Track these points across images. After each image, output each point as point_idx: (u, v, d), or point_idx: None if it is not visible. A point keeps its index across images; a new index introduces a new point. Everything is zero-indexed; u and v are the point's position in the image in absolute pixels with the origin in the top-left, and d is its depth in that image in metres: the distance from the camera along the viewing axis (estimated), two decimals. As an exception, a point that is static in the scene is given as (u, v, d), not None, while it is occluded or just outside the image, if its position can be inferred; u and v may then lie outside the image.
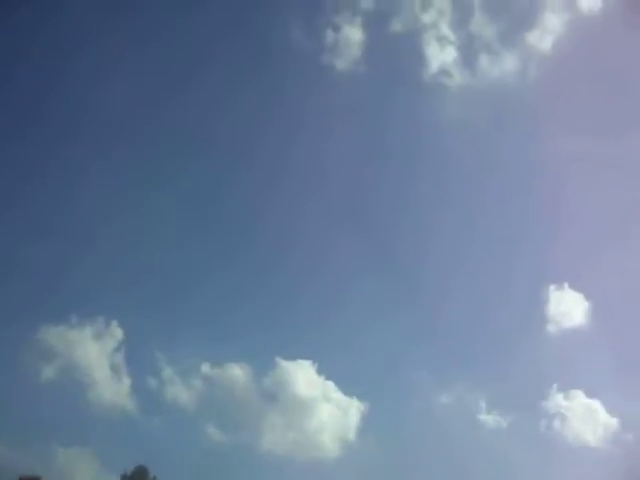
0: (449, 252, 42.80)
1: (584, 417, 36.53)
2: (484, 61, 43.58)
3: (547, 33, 42.86)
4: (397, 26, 43.34)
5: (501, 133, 43.46)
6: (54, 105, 43.43)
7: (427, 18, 42.87)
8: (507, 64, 43.28)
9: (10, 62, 40.84)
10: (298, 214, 43.24)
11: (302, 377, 37.58)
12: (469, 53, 43.31)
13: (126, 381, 36.92)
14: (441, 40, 42.52)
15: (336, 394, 37.54)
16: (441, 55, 42.91)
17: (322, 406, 37.94)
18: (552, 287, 39.78)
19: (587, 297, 39.61)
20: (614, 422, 35.97)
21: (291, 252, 42.12)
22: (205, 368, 37.64)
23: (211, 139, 43.66)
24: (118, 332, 37.07)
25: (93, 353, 36.83)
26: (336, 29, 43.44)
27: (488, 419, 36.97)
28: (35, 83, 42.80)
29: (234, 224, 42.74)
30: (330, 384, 37.59)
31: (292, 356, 37.29)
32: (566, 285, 39.74)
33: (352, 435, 37.28)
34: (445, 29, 42.68)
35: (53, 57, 43.73)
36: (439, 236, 43.69)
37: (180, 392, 37.16)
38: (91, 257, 39.03)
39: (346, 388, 37.25)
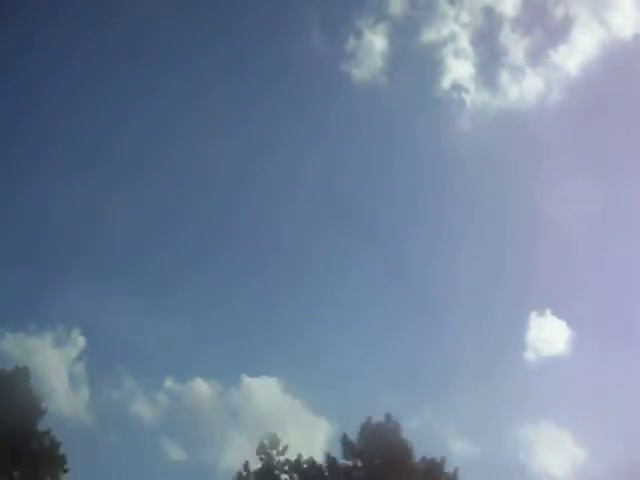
0: (430, 272, 41.94)
1: (552, 448, 35.20)
2: (504, 78, 42.65)
3: (575, 53, 42.37)
4: (424, 36, 42.73)
5: (509, 155, 42.59)
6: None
7: (449, 30, 42.07)
8: (529, 83, 42.45)
9: None
10: (271, 228, 42.41)
11: (267, 395, 36.63)
12: (489, 69, 42.50)
13: (84, 392, 36.21)
14: (460, 54, 41.76)
15: (303, 413, 36.38)
16: (460, 70, 42.20)
17: (288, 425, 36.78)
18: (534, 313, 38.86)
19: (570, 325, 38.56)
20: (582, 454, 34.70)
21: (260, 266, 41.44)
22: (168, 383, 36.88)
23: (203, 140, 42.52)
24: (80, 340, 36.47)
25: (52, 362, 36.16)
26: (358, 36, 42.49)
27: (457, 445, 35.72)
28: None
29: (206, 235, 42.12)
30: (297, 403, 36.45)
31: (257, 373, 36.42)
32: (548, 312, 38.73)
33: (319, 457, 36.05)
34: (465, 43, 41.83)
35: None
36: (423, 255, 42.89)
37: (140, 406, 36.38)
38: (54, 263, 38.53)
39: (314, 407, 36.07)
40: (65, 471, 26.35)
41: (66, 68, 42.16)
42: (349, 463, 27.09)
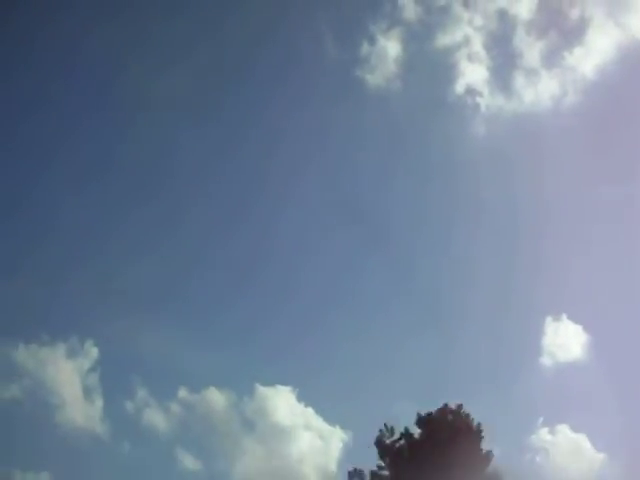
0: (444, 277, 41.53)
1: (569, 453, 34.65)
2: (519, 82, 42.31)
3: (591, 55, 41.24)
4: (438, 41, 42.07)
5: (524, 159, 42.04)
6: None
7: (463, 34, 41.17)
8: (544, 86, 41.69)
9: None
10: (280, 233, 42.30)
11: (281, 404, 36.41)
12: (503, 73, 42.09)
13: (98, 403, 36.10)
14: (474, 58, 41.11)
15: (317, 422, 36.25)
16: (474, 74, 41.38)
17: (302, 434, 36.62)
18: (549, 318, 38.39)
19: (586, 330, 38.02)
20: (600, 459, 34.07)
21: (269, 271, 41.28)
22: (182, 393, 36.69)
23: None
24: (93, 351, 36.49)
25: (65, 373, 36.16)
26: (372, 41, 42.31)
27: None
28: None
29: (213, 241, 42.07)
30: (311, 411, 36.35)
31: (271, 382, 36.16)
32: (564, 316, 38.25)
33: (334, 466, 35.67)
34: (479, 46, 41.12)
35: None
36: (437, 260, 42.51)
37: (154, 416, 36.24)
38: (66, 273, 38.61)
39: (328, 416, 35.89)
40: None
41: (65, 71, 42.13)
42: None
